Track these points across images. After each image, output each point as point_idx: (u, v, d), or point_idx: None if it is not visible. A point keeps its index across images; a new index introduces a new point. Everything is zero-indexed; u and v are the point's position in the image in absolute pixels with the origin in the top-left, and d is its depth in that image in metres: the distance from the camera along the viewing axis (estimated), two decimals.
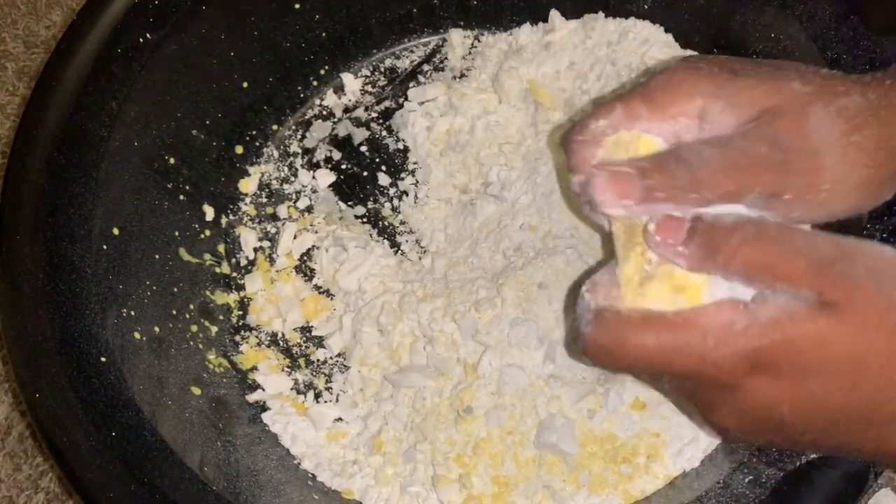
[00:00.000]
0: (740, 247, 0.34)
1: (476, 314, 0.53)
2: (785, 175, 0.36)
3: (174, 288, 0.56)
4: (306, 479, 0.53)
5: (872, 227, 0.50)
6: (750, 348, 0.33)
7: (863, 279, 0.33)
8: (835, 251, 0.34)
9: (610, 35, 0.60)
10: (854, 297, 0.33)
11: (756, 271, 0.34)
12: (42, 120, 0.51)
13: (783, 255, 0.34)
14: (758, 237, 0.34)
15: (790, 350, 0.33)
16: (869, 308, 0.32)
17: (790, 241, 0.34)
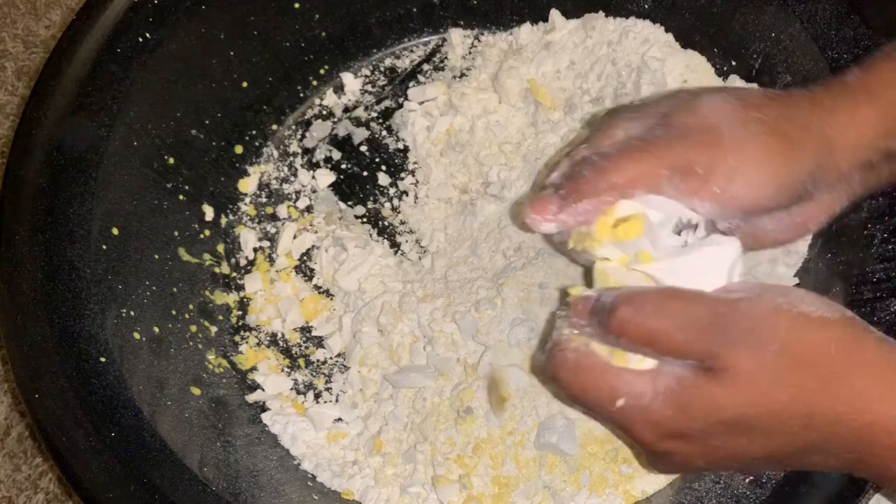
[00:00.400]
0: (622, 327, 0.37)
1: (476, 314, 0.52)
2: (686, 150, 0.39)
3: (174, 288, 0.56)
4: (306, 479, 0.53)
5: (873, 227, 0.50)
6: (654, 420, 0.37)
7: (737, 345, 0.35)
8: (709, 318, 0.36)
9: (610, 35, 0.60)
10: (729, 363, 0.35)
11: (642, 347, 0.37)
12: (41, 120, 0.51)
13: (659, 332, 0.36)
14: (635, 315, 0.37)
15: (687, 418, 0.36)
16: (744, 372, 0.35)
17: (667, 316, 0.36)
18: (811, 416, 0.35)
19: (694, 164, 0.39)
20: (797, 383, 0.35)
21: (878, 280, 0.50)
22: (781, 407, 0.35)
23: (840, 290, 0.51)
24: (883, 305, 0.48)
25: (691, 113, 0.40)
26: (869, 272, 0.50)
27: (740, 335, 0.35)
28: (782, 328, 0.35)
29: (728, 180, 0.39)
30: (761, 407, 0.35)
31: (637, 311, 0.37)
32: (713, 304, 0.36)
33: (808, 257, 0.54)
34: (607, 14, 0.61)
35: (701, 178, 0.39)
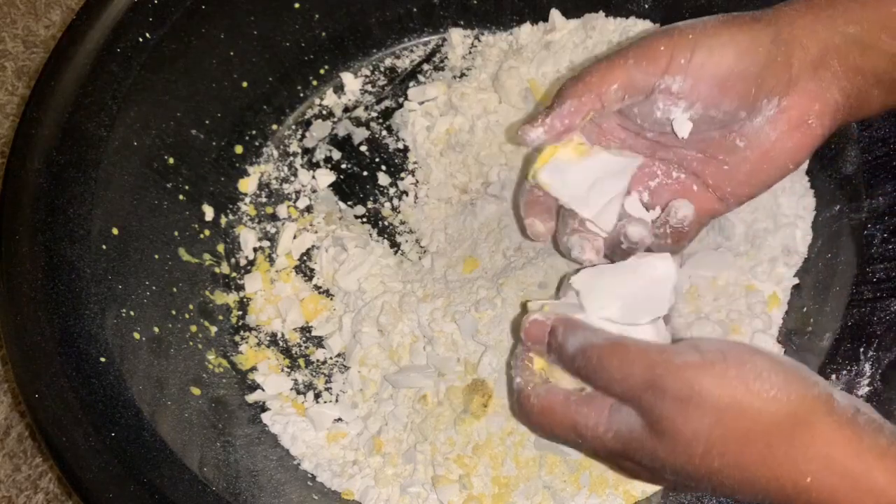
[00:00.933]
0: (577, 368, 0.40)
1: (476, 314, 0.52)
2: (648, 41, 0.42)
3: (173, 288, 0.56)
4: (306, 479, 0.53)
5: (873, 228, 0.50)
6: (607, 450, 0.40)
7: (670, 411, 0.36)
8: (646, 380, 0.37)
9: (610, 35, 0.60)
10: (665, 427, 0.37)
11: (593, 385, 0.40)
12: (41, 120, 0.51)
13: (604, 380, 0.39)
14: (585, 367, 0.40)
15: (635, 455, 0.39)
16: (677, 436, 0.36)
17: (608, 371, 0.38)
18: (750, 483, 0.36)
19: (657, 46, 0.41)
20: (731, 454, 0.36)
21: (878, 280, 0.50)
22: (714, 471, 0.36)
23: (840, 290, 0.51)
24: (883, 305, 0.48)
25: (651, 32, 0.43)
26: (869, 272, 0.50)
27: (676, 404, 0.36)
28: (723, 403, 0.35)
29: (691, 51, 0.41)
30: (697, 467, 0.37)
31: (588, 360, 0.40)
32: (653, 365, 0.37)
33: (807, 257, 0.54)
34: (607, 14, 0.61)
35: (665, 55, 0.41)
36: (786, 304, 0.54)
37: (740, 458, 0.35)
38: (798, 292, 0.54)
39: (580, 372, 0.40)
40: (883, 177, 0.51)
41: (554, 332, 0.42)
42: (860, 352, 0.48)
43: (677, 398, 0.36)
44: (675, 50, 0.41)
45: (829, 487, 0.34)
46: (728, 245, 0.54)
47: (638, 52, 0.42)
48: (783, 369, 0.36)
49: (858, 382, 0.47)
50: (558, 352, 0.41)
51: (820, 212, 0.54)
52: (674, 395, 0.36)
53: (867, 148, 0.52)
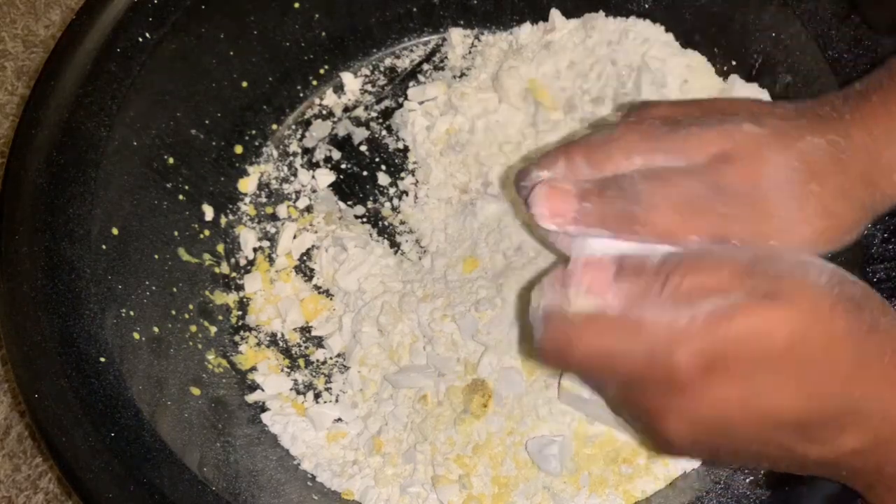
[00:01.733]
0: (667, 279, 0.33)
1: (476, 314, 0.52)
2: (728, 222, 0.35)
3: (173, 288, 0.56)
4: (306, 479, 0.53)
5: (873, 227, 0.50)
6: (696, 347, 0.32)
7: (789, 273, 0.33)
8: (754, 255, 0.33)
9: (610, 34, 0.60)
10: (784, 288, 0.32)
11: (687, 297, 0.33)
12: (41, 119, 0.51)
13: (710, 270, 0.33)
14: (680, 264, 0.33)
15: (735, 343, 0.32)
16: (801, 296, 0.32)
17: (710, 257, 0.33)
18: (861, 363, 0.32)
19: (731, 236, 0.35)
20: (851, 315, 0.32)
21: (878, 280, 0.50)
22: (837, 338, 0.32)
23: None
24: None
25: (748, 173, 0.35)
26: (869, 272, 0.50)
27: (793, 266, 0.33)
28: (829, 268, 0.33)
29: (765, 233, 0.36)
30: (818, 334, 0.32)
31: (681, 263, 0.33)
32: (753, 248, 0.34)
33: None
34: (607, 14, 0.61)
35: (737, 241, 0.36)
36: None
37: (858, 320, 0.33)
38: None
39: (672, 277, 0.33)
40: None
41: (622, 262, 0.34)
42: None
43: (792, 262, 0.33)
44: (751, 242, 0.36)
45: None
46: None
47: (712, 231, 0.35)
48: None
49: None
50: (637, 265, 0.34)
51: None
52: (788, 261, 0.33)
53: None
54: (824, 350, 0.32)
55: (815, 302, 0.32)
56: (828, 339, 0.32)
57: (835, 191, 0.36)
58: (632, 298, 0.34)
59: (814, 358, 0.32)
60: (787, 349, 0.32)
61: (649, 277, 0.34)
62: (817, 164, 0.36)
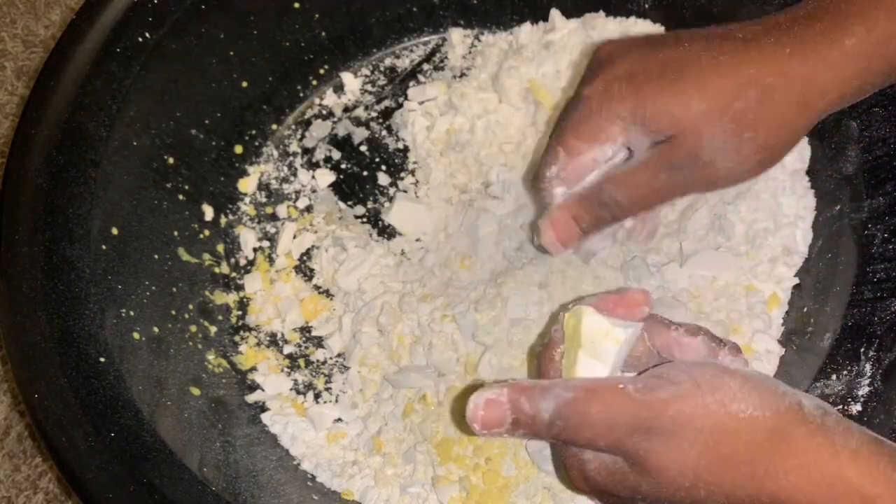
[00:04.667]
0: (555, 437, 0.38)
1: (476, 314, 0.52)
2: (685, 188, 0.45)
3: (173, 288, 0.56)
4: (306, 479, 0.53)
5: (873, 228, 0.51)
6: (592, 482, 0.39)
7: (657, 448, 0.36)
8: (631, 424, 0.36)
9: (611, 34, 0.60)
10: (651, 466, 0.36)
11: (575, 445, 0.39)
12: (41, 119, 0.51)
13: (587, 440, 0.37)
14: (565, 428, 0.37)
15: (615, 489, 0.38)
16: (664, 471, 0.36)
17: (590, 426, 0.37)
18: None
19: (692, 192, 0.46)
20: (716, 482, 0.36)
21: (878, 280, 0.50)
22: (704, 497, 0.36)
23: (840, 291, 0.51)
24: (883, 305, 0.48)
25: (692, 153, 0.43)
26: (869, 272, 0.50)
27: (662, 441, 0.36)
28: (706, 431, 0.35)
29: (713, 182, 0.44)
30: (681, 500, 0.36)
31: (566, 423, 0.37)
32: (637, 408, 0.36)
33: (807, 257, 0.54)
34: (607, 14, 0.61)
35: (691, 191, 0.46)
36: (786, 304, 0.54)
37: (726, 482, 0.35)
38: (798, 292, 0.54)
39: (560, 436, 0.38)
40: (883, 177, 0.51)
41: (517, 405, 0.38)
42: (860, 352, 0.48)
43: (664, 434, 0.36)
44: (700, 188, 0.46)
45: (809, 495, 0.34)
46: (728, 245, 0.54)
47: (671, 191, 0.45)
48: (753, 386, 0.36)
49: (858, 382, 0.47)
50: (531, 423, 0.38)
51: (820, 212, 0.54)
52: (660, 432, 0.36)
53: (867, 148, 0.52)
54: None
55: (676, 480, 0.36)
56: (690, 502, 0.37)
57: (768, 130, 0.42)
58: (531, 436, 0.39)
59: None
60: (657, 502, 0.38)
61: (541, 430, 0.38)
62: (749, 116, 0.42)
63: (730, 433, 0.35)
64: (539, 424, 0.37)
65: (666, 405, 0.36)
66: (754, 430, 0.35)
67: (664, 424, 0.36)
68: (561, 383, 0.38)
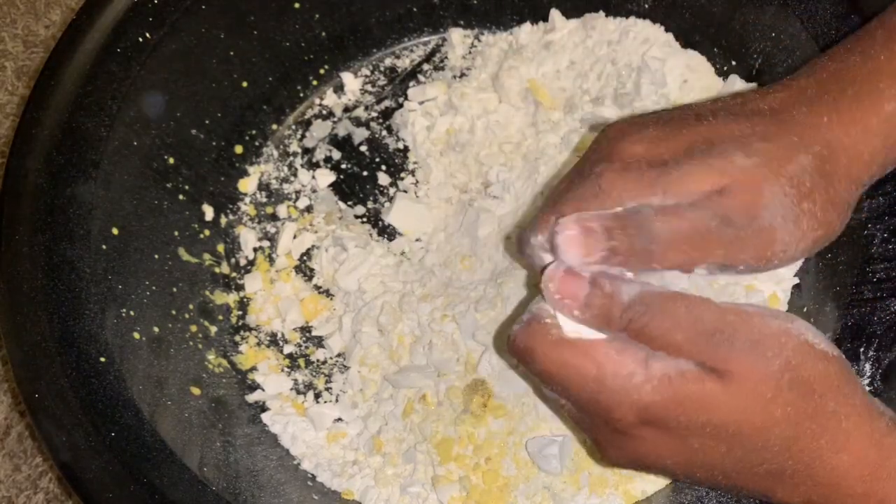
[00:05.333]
0: (628, 323, 0.35)
1: (476, 314, 0.52)
2: (736, 251, 0.37)
3: (173, 288, 0.56)
4: (306, 479, 0.53)
5: (873, 228, 0.50)
6: (641, 403, 0.35)
7: (744, 353, 0.35)
8: (716, 324, 0.35)
9: (610, 34, 0.60)
10: (734, 368, 0.35)
11: (645, 341, 0.36)
12: (41, 119, 0.51)
13: (666, 330, 0.35)
14: (645, 313, 0.35)
15: (677, 408, 0.35)
16: (745, 379, 0.35)
17: (673, 316, 0.35)
18: (795, 440, 0.35)
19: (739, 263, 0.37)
20: (793, 403, 0.35)
21: (878, 280, 0.50)
22: (773, 422, 0.35)
23: (840, 291, 0.51)
24: (883, 305, 0.48)
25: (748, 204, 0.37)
26: (869, 272, 0.50)
27: (748, 345, 0.35)
28: (789, 348, 0.35)
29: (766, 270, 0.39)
30: (754, 417, 0.35)
31: (648, 310, 0.35)
32: (723, 311, 0.36)
33: (807, 257, 0.54)
34: (607, 14, 0.61)
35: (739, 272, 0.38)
36: (786, 304, 0.54)
37: (801, 408, 0.35)
38: (798, 292, 0.54)
39: (634, 323, 0.35)
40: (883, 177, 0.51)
41: (599, 284, 0.36)
42: (860, 352, 0.48)
43: (749, 340, 0.35)
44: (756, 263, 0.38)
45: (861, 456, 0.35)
46: None
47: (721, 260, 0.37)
48: (815, 329, 0.37)
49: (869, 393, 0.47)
50: (607, 303, 0.35)
51: None
52: (746, 338, 0.35)
53: None
54: (758, 432, 0.35)
55: (758, 390, 0.35)
56: (761, 423, 0.35)
57: (824, 203, 0.38)
58: (597, 321, 0.36)
59: (747, 436, 0.35)
60: (721, 425, 0.35)
61: (616, 310, 0.36)
62: (807, 183, 0.37)
63: (809, 359, 0.35)
64: (615, 305, 0.35)
65: (751, 316, 0.35)
66: (827, 363, 0.36)
67: (750, 331, 0.35)
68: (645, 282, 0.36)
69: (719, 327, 0.35)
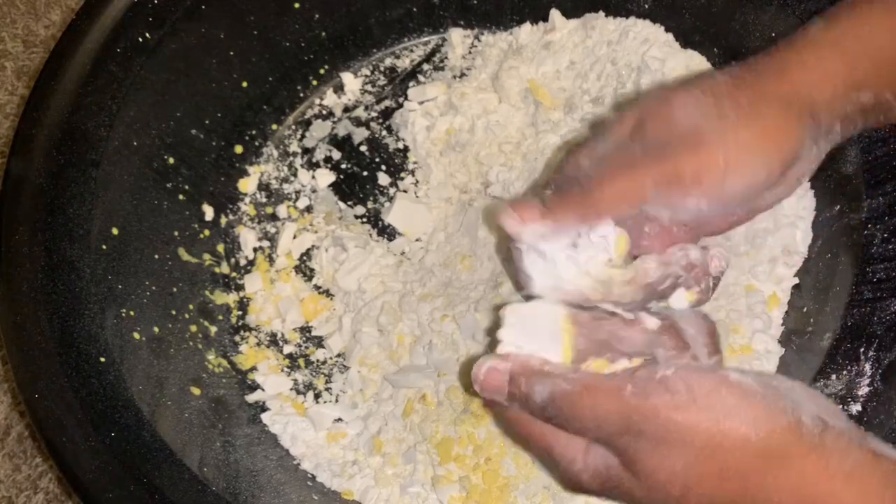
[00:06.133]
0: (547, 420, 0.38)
1: (476, 314, 0.52)
2: (671, 162, 0.38)
3: (173, 288, 0.56)
4: (306, 479, 0.53)
5: (873, 228, 0.51)
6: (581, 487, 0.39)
7: (645, 453, 0.36)
8: (620, 425, 0.36)
9: (610, 34, 0.60)
10: (640, 468, 0.36)
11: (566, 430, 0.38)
12: (41, 120, 0.51)
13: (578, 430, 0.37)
14: (556, 416, 0.38)
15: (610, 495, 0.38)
16: (653, 478, 0.36)
17: (580, 419, 0.37)
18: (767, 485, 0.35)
19: (681, 172, 0.38)
20: (707, 494, 0.35)
21: (878, 280, 0.50)
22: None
23: (840, 291, 0.51)
24: (883, 305, 0.48)
25: (665, 120, 0.39)
26: (869, 272, 0.50)
27: (651, 445, 0.36)
28: (696, 445, 0.35)
29: (721, 179, 0.38)
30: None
31: (557, 412, 0.37)
32: (630, 410, 0.36)
33: (807, 257, 0.54)
34: (607, 14, 0.61)
35: (691, 182, 0.38)
36: (786, 304, 0.54)
37: (717, 495, 0.35)
38: (798, 292, 0.54)
39: (552, 421, 0.38)
40: (883, 177, 0.51)
41: (515, 381, 0.38)
42: (860, 352, 0.48)
43: (653, 440, 0.35)
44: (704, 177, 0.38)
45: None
46: (728, 245, 0.54)
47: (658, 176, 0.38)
48: (750, 403, 0.35)
49: (858, 382, 0.47)
50: (524, 401, 0.38)
51: (820, 212, 0.54)
52: (650, 437, 0.35)
53: (867, 148, 0.52)
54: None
55: (666, 488, 0.36)
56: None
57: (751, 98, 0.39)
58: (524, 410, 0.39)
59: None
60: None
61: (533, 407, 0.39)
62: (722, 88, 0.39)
63: (721, 450, 0.35)
64: (532, 405, 0.38)
65: (657, 412, 0.35)
66: (746, 449, 0.35)
67: (655, 430, 0.35)
68: (563, 373, 0.38)
69: (624, 427, 0.36)
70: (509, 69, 0.60)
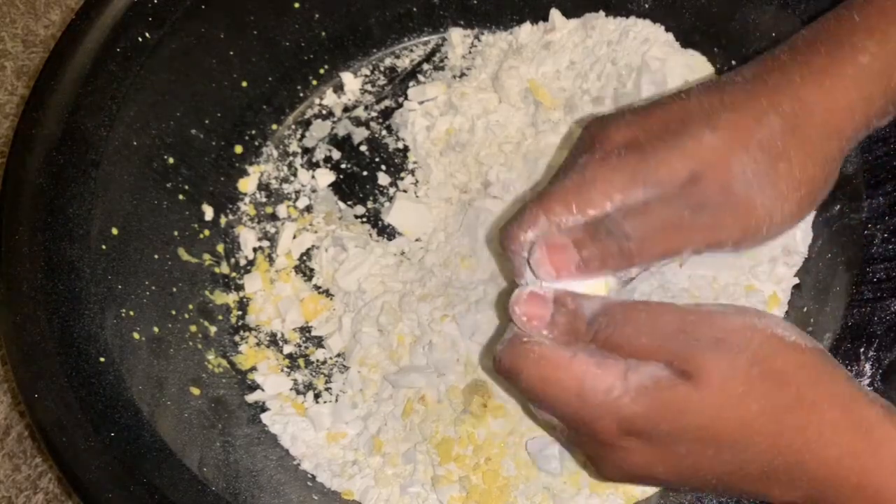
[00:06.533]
0: (595, 335, 0.37)
1: (476, 314, 0.52)
2: (716, 231, 0.38)
3: (173, 288, 0.56)
4: (306, 479, 0.53)
5: (873, 228, 0.50)
6: (621, 415, 0.36)
7: (705, 350, 0.35)
8: (677, 325, 0.35)
9: (610, 34, 0.60)
10: (701, 367, 0.35)
11: (614, 350, 0.36)
12: (41, 120, 0.51)
13: (630, 337, 0.36)
14: (608, 325, 0.36)
15: (657, 417, 0.35)
16: (716, 376, 0.35)
17: (634, 322, 0.36)
18: (779, 436, 0.35)
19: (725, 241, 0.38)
20: (768, 396, 0.35)
21: (878, 280, 0.50)
22: (751, 417, 0.35)
23: (840, 291, 0.51)
24: (883, 305, 0.48)
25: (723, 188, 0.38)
26: (869, 272, 0.50)
27: (711, 343, 0.35)
28: (755, 342, 0.35)
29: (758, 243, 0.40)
30: (730, 414, 0.35)
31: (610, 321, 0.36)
32: (684, 312, 0.36)
33: (807, 257, 0.54)
34: (607, 14, 0.61)
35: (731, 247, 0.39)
36: (786, 305, 0.54)
37: (777, 399, 0.35)
38: (798, 292, 0.54)
39: (599, 334, 0.36)
40: (883, 177, 0.51)
41: (562, 302, 0.37)
42: (860, 352, 0.48)
43: (712, 338, 0.35)
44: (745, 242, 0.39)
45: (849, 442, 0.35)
46: None
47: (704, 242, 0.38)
48: (791, 324, 0.37)
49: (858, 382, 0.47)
50: (570, 319, 0.37)
51: (820, 212, 0.54)
52: (708, 336, 0.35)
53: (867, 148, 0.52)
54: (738, 429, 0.35)
55: (727, 386, 0.35)
56: (740, 420, 0.35)
57: (801, 160, 0.38)
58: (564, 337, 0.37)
59: (729, 435, 0.35)
60: (702, 427, 0.35)
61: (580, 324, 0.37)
62: (778, 145, 0.38)
63: (780, 350, 0.35)
64: (579, 320, 0.37)
65: (712, 316, 0.36)
66: (801, 354, 0.35)
67: (712, 329, 0.35)
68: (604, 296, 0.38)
69: (681, 328, 0.35)
70: (509, 69, 0.60)
